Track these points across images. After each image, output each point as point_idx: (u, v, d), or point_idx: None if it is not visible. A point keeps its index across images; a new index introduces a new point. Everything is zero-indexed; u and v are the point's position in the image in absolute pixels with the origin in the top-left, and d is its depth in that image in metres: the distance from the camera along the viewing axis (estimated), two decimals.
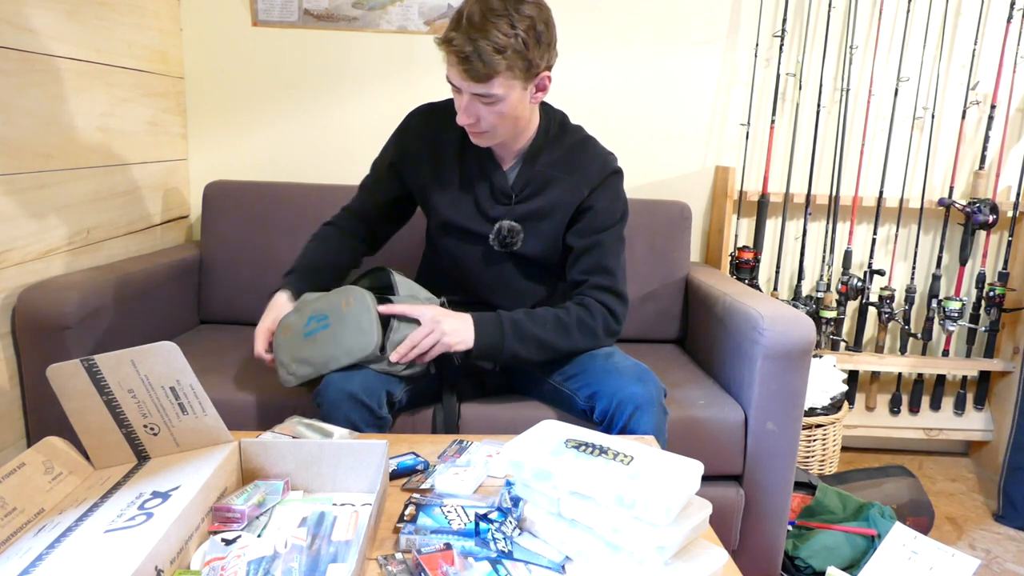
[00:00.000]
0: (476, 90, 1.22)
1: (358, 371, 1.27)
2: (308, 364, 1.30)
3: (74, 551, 0.75)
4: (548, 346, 1.33)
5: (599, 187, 1.38)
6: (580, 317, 1.34)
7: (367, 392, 1.24)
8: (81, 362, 0.88)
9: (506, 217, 1.39)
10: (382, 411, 1.26)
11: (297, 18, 2.03)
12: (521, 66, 1.21)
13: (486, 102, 1.24)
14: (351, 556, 0.80)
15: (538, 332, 1.32)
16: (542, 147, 1.38)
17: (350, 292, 1.31)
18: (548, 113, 1.42)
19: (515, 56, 1.19)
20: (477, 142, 1.34)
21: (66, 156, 1.55)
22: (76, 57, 1.57)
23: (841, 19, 2.10)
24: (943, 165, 2.19)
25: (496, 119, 1.27)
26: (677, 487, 0.79)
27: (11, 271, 1.40)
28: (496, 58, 1.18)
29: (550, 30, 1.25)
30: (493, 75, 1.20)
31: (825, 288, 2.16)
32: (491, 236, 1.40)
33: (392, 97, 2.09)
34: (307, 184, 1.98)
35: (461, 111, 1.26)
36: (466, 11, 1.19)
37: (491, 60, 1.18)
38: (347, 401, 1.22)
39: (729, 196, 2.05)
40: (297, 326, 1.33)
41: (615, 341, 1.41)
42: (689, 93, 2.13)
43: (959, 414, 2.30)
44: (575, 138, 1.42)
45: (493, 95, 1.22)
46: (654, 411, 1.26)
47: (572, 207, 1.38)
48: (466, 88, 1.23)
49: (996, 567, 1.76)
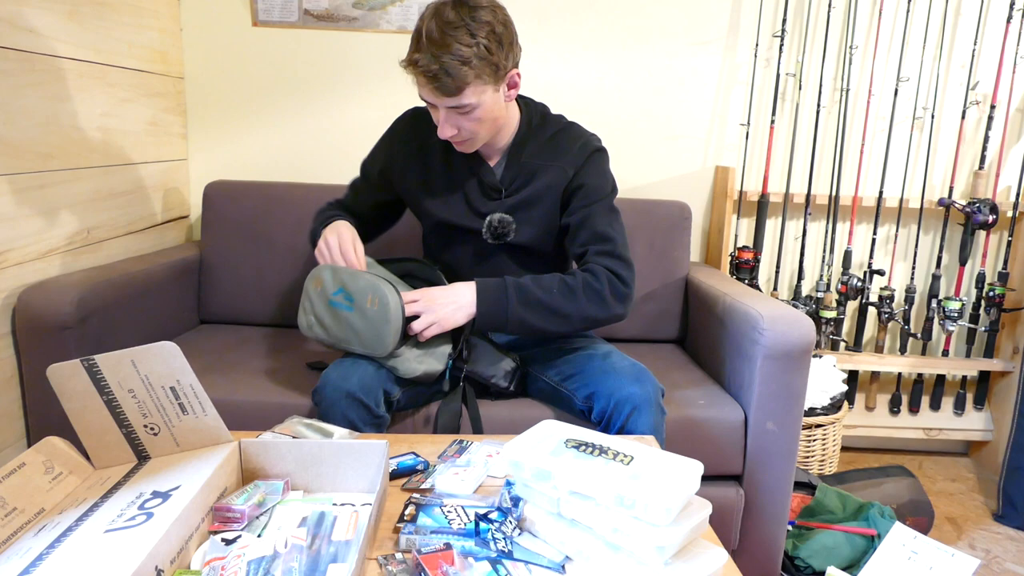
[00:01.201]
0: (450, 104, 1.24)
1: (356, 369, 1.27)
2: (325, 330, 1.34)
3: (74, 551, 0.75)
4: (555, 310, 1.31)
5: (584, 165, 1.39)
6: (586, 281, 1.32)
7: (365, 391, 1.24)
8: (81, 362, 0.88)
9: (497, 211, 1.40)
10: (379, 410, 1.26)
11: (297, 18, 2.03)
12: (489, 71, 1.22)
13: (462, 112, 1.26)
14: (351, 556, 0.80)
15: (543, 296, 1.31)
16: (526, 139, 1.40)
17: (379, 291, 1.29)
18: (528, 106, 1.43)
19: (481, 64, 1.20)
20: (462, 150, 1.36)
21: (66, 156, 1.55)
22: (76, 57, 1.57)
23: (841, 19, 2.10)
24: (943, 165, 2.19)
25: (475, 125, 1.28)
26: (677, 487, 0.79)
27: (11, 271, 1.40)
28: (463, 70, 1.19)
29: (509, 29, 1.26)
30: (463, 86, 1.21)
31: (825, 288, 2.16)
32: (483, 230, 1.41)
33: (392, 97, 2.09)
34: (307, 184, 1.98)
35: (440, 126, 1.28)
36: (424, 29, 1.20)
37: (458, 73, 1.19)
38: (344, 400, 1.23)
39: (729, 196, 2.05)
40: (327, 288, 1.34)
41: (628, 309, 1.36)
42: (689, 93, 2.13)
43: (959, 414, 2.30)
44: (557, 126, 1.43)
45: (467, 104, 1.24)
46: (652, 411, 1.26)
47: (560, 190, 1.39)
48: (440, 104, 1.25)
49: (996, 567, 1.76)
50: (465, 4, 1.21)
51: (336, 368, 1.29)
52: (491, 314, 1.31)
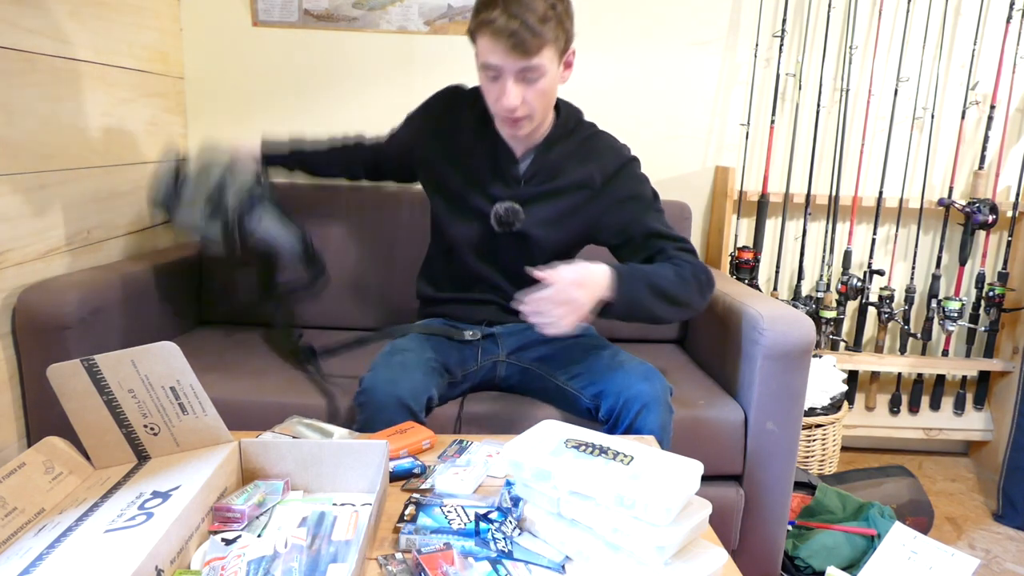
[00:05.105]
0: (523, 64, 1.21)
1: (404, 374, 1.27)
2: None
3: (74, 551, 0.75)
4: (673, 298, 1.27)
5: (616, 175, 1.38)
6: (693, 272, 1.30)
7: (414, 397, 1.25)
8: (81, 362, 0.88)
9: (509, 199, 1.39)
10: (422, 415, 1.27)
11: (297, 18, 2.03)
12: (562, 36, 1.23)
13: (531, 78, 1.23)
14: (351, 556, 0.80)
15: (666, 285, 1.27)
16: (558, 138, 1.39)
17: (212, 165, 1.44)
18: (567, 107, 1.43)
19: (557, 26, 1.21)
20: (515, 131, 1.32)
21: (66, 156, 1.55)
22: (76, 57, 1.57)
23: (841, 19, 2.10)
24: (943, 165, 2.19)
25: (538, 98, 1.26)
26: (677, 487, 0.79)
27: (11, 271, 1.40)
28: (543, 27, 1.18)
29: (569, 5, 1.26)
30: (543, 45, 1.20)
31: (825, 288, 2.16)
32: (491, 215, 1.39)
33: (392, 97, 2.09)
34: (307, 184, 1.98)
35: (506, 94, 1.24)
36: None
37: (539, 30, 1.18)
38: (394, 405, 1.23)
39: (729, 196, 2.05)
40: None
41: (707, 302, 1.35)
42: (689, 93, 2.13)
43: (959, 414, 2.30)
44: (590, 131, 1.43)
45: (539, 67, 1.22)
46: (660, 409, 1.25)
47: (583, 192, 1.38)
48: (511, 66, 1.21)
49: (996, 567, 1.77)
50: None
51: (384, 372, 1.28)
52: (626, 301, 1.23)
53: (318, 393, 1.43)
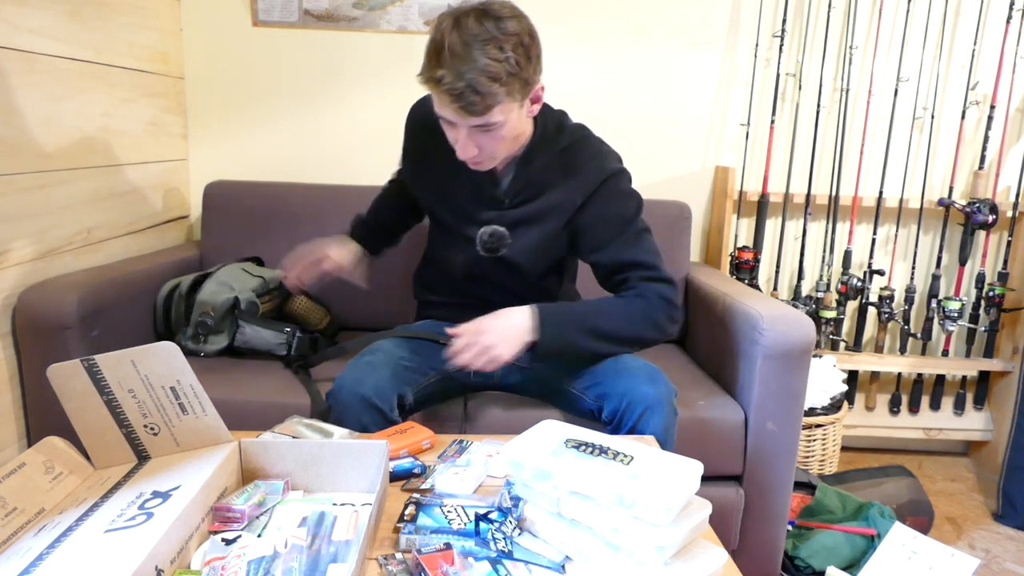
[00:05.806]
0: (475, 123, 1.15)
1: (371, 373, 1.26)
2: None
3: (74, 551, 0.75)
4: (614, 337, 1.28)
5: (595, 193, 1.31)
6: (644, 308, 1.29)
7: (380, 396, 1.23)
8: (81, 362, 0.88)
9: (495, 222, 1.35)
10: (393, 414, 1.26)
11: (297, 18, 2.03)
12: (518, 87, 1.14)
13: (486, 131, 1.17)
14: (351, 556, 0.80)
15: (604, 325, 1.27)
16: (537, 149, 1.31)
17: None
18: (544, 114, 1.33)
19: (511, 80, 1.11)
20: (478, 169, 1.27)
21: (66, 156, 1.55)
22: (76, 57, 1.57)
23: (841, 19, 2.10)
24: (943, 165, 2.19)
25: (497, 144, 1.20)
26: (677, 487, 0.79)
27: (11, 271, 1.40)
28: (493, 87, 1.09)
29: (535, 40, 1.16)
30: (492, 105, 1.11)
31: (825, 288, 2.16)
32: (476, 240, 1.36)
33: (392, 97, 2.09)
34: (307, 184, 1.99)
35: (460, 147, 1.19)
36: (446, 43, 1.09)
37: (488, 90, 1.09)
38: (359, 404, 1.22)
39: (729, 196, 2.05)
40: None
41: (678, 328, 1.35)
42: (689, 93, 2.13)
43: (959, 414, 2.30)
44: (573, 138, 1.34)
45: (494, 123, 1.15)
46: (664, 411, 1.25)
47: (565, 216, 1.33)
48: (464, 123, 1.15)
49: (996, 567, 1.77)
50: (489, 14, 1.11)
51: (351, 371, 1.27)
52: (553, 340, 1.25)
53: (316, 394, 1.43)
